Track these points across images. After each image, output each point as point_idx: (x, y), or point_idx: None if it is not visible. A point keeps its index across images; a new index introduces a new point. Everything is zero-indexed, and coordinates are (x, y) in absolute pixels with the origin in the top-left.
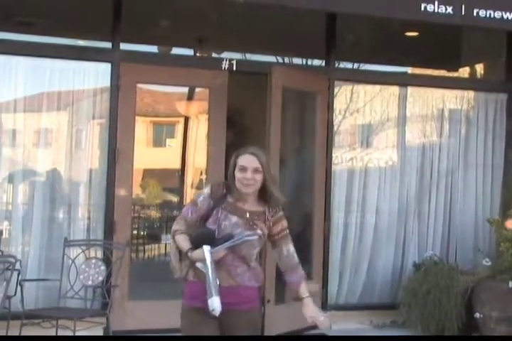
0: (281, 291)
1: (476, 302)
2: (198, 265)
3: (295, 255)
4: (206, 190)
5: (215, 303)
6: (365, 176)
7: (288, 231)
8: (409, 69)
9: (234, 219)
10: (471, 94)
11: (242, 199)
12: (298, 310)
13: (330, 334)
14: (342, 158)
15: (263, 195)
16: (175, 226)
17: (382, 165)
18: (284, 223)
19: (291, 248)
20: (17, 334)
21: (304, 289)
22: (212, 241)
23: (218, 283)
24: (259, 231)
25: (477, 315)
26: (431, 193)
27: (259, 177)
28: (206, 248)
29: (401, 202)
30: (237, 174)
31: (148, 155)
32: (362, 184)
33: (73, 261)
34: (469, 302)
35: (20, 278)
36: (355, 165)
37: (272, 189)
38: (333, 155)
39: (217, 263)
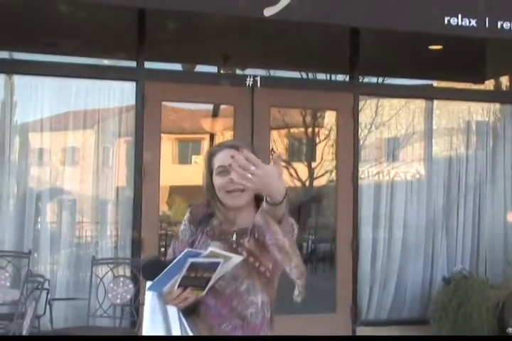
0: None
1: (508, 316)
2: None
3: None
4: (186, 216)
5: None
6: (392, 190)
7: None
8: (435, 83)
9: (215, 244)
10: (497, 106)
11: (228, 220)
12: None
13: None
14: (368, 173)
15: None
16: None
17: (409, 178)
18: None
19: None
20: None
21: None
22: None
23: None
24: (217, 251)
25: (509, 330)
26: (459, 206)
27: None
28: (148, 285)
29: (429, 216)
30: (217, 180)
31: (174, 172)
32: (389, 198)
33: (101, 279)
34: (501, 316)
35: (49, 297)
36: (381, 179)
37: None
38: (360, 169)
39: (194, 312)
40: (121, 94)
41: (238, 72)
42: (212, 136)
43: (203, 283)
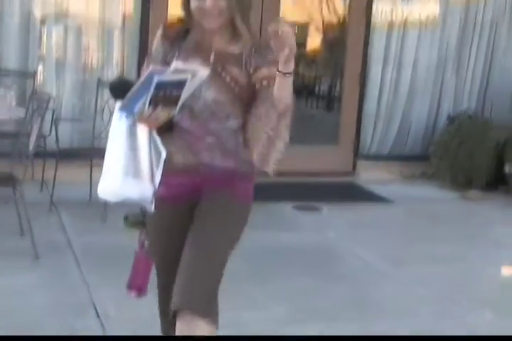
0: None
1: (507, 156)
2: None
3: None
4: (159, 32)
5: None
6: (405, 29)
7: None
8: None
9: (195, 61)
10: None
11: (206, 37)
12: None
13: (359, 183)
14: (382, 10)
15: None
16: None
17: (423, 17)
18: (273, 69)
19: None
20: (53, 172)
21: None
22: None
23: (163, 157)
24: (195, 67)
25: (507, 169)
26: (471, 48)
27: (223, 3)
28: (118, 104)
29: (440, 56)
30: (192, 2)
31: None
32: (401, 37)
33: (106, 102)
34: (500, 157)
35: (54, 117)
36: (395, 17)
37: (238, 24)
38: (373, 6)
39: (169, 132)
40: None
41: None
42: None
43: (173, 101)
